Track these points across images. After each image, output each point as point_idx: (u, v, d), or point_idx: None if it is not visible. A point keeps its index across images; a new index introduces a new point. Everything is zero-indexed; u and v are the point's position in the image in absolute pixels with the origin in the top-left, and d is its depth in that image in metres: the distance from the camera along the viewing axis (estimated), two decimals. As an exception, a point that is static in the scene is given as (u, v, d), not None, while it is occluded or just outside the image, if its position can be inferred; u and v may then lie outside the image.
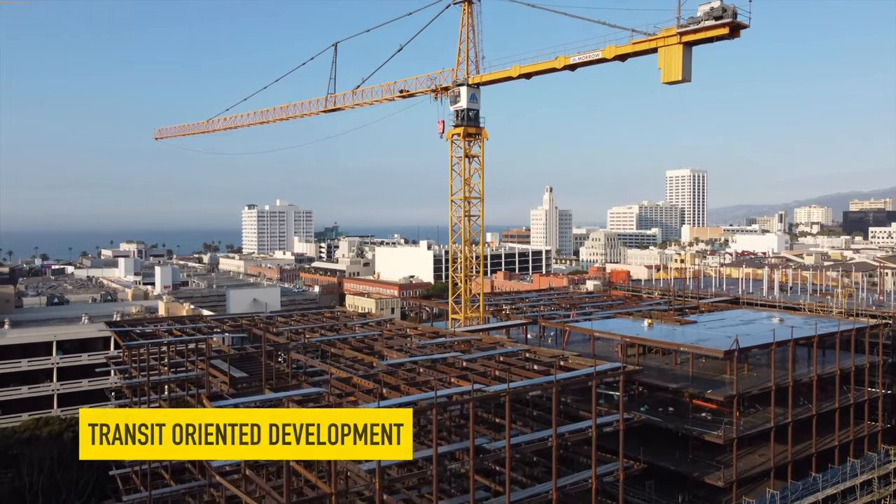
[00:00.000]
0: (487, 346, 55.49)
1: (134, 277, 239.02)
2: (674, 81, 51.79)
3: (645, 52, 54.14)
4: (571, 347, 68.17)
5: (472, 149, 68.84)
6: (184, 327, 64.55)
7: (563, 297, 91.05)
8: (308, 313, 76.04)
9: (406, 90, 72.09)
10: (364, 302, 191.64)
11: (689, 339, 57.52)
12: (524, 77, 63.63)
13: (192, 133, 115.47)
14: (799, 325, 64.99)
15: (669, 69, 51.13)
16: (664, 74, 51.56)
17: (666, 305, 79.65)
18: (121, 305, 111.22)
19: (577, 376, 43.44)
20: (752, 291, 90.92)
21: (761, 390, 53.87)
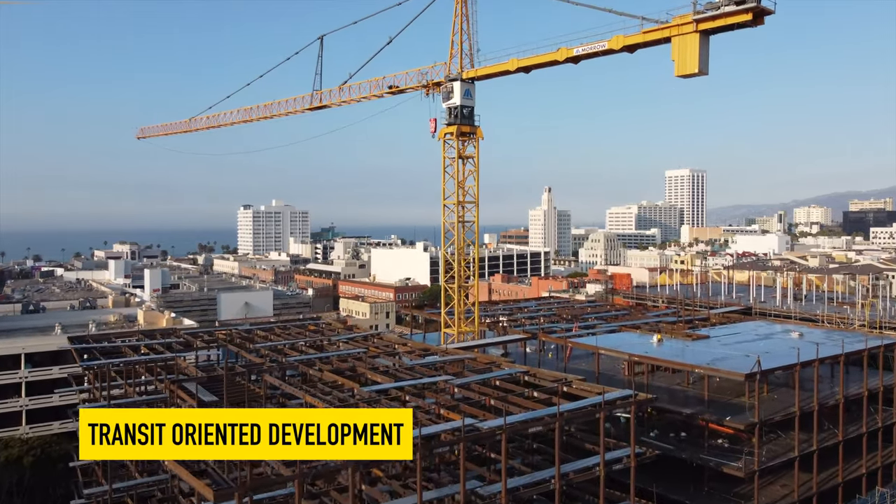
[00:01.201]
0: (482, 367, 50.39)
1: (124, 280, 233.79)
2: (689, 74, 46.56)
3: (656, 43, 48.93)
4: (574, 363, 63.15)
5: (467, 149, 63.70)
6: (153, 343, 59.35)
7: (563, 306, 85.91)
8: (291, 325, 70.81)
9: (395, 86, 67.00)
10: (358, 306, 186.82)
11: (704, 357, 52.41)
12: (523, 71, 58.47)
13: (175, 132, 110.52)
14: (821, 340, 59.92)
15: (684, 61, 45.94)
16: (678, 66, 46.38)
17: (674, 317, 74.53)
18: (100, 313, 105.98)
19: (583, 407, 38.33)
20: (765, 300, 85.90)
21: (785, 416, 48.81)
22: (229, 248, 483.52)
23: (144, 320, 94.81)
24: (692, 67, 45.72)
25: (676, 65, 46.55)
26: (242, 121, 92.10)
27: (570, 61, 54.27)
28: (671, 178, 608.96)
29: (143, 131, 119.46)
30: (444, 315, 64.34)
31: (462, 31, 62.10)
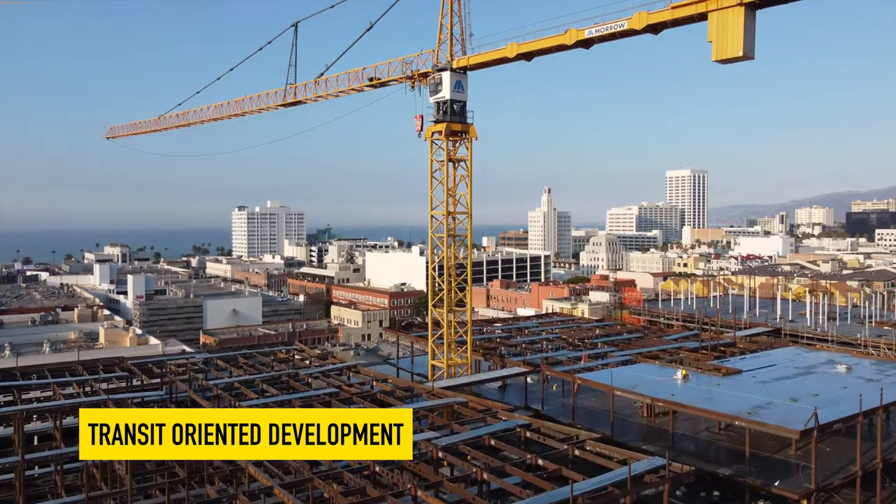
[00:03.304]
0: (475, 416, 41.52)
1: (108, 286, 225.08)
2: (730, 59, 37.57)
3: (688, 21, 39.93)
4: (583, 399, 54.05)
5: (458, 151, 54.59)
6: (85, 379, 50.37)
7: (568, 327, 76.72)
8: (257, 354, 61.84)
9: (377, 77, 57.93)
10: (350, 314, 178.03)
11: (741, 403, 43.42)
12: (524, 58, 49.33)
13: (144, 132, 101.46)
14: (873, 375, 51.16)
15: (725, 42, 36.92)
16: (718, 49, 37.32)
17: (695, 340, 65.61)
18: (62, 329, 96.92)
19: (603, 490, 29.38)
20: (793, 318, 76.94)
21: (845, 479, 39.90)
22: (224, 251, 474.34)
23: (106, 339, 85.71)
24: (734, 50, 36.73)
25: (715, 47, 37.49)
26: (212, 119, 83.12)
27: (581, 45, 45.19)
28: (672, 178, 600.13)
29: (111, 131, 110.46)
30: (431, 344, 55.29)
31: (452, 12, 53.01)
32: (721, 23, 36.82)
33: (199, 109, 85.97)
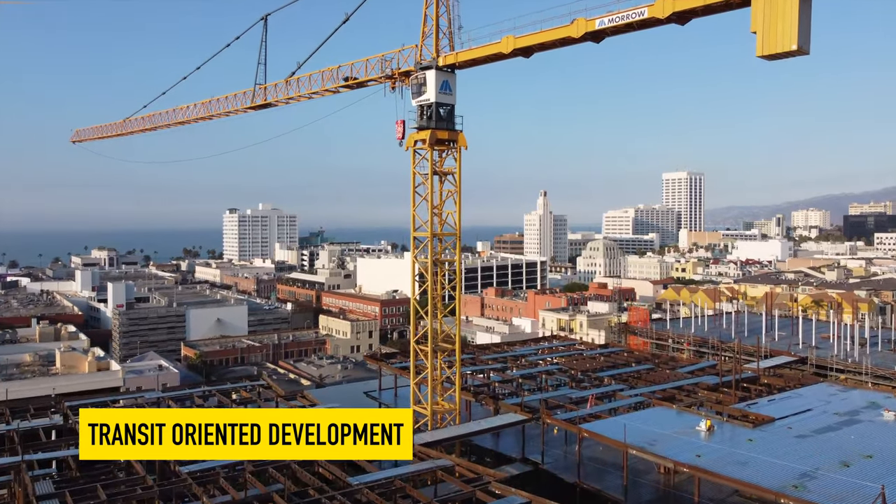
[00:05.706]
0: (461, 488, 34.03)
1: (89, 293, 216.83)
2: (781, 53, 30.09)
3: (723, 8, 32.52)
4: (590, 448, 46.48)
5: (445, 162, 47.08)
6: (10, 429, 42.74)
7: (570, 354, 69.21)
8: (216, 393, 54.30)
9: (353, 77, 50.43)
10: (339, 324, 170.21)
11: (784, 473, 35.86)
12: (521, 54, 41.79)
13: (110, 135, 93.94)
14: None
15: (774, 33, 29.48)
16: (766, 42, 29.75)
17: (713, 373, 58.26)
18: (18, 350, 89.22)
19: None
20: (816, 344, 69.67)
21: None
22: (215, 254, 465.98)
23: (62, 364, 78.05)
24: (787, 42, 29.23)
25: (761, 40, 29.96)
26: (177, 122, 75.61)
27: (591, 39, 37.74)
28: (668, 180, 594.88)
29: (77, 134, 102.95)
30: (413, 387, 47.70)
31: (438, 1, 45.55)
32: (770, 9, 29.38)
33: (164, 112, 78.53)
